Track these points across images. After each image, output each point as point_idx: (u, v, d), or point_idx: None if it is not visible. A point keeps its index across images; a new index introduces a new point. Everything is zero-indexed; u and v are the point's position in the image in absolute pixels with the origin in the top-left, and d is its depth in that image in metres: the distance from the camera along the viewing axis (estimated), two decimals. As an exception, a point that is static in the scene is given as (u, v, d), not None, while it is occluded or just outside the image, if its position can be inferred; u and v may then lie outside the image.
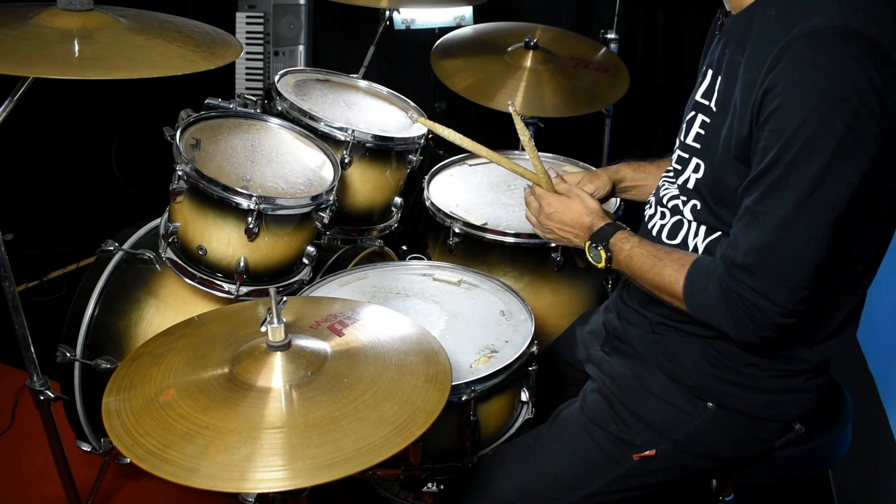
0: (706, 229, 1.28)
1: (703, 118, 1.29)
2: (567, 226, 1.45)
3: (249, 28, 3.36)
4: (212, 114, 1.78)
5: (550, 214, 1.46)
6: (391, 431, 1.02)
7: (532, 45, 2.43)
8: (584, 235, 1.42)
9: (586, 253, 1.42)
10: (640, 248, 1.31)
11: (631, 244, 1.33)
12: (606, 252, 1.36)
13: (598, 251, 1.38)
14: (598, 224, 1.40)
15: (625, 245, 1.33)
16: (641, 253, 1.30)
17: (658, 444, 1.34)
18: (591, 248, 1.40)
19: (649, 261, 1.28)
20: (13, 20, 1.40)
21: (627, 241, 1.34)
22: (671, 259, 1.26)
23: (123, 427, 1.04)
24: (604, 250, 1.36)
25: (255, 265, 1.65)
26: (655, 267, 1.27)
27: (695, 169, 1.29)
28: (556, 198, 1.47)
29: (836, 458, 1.46)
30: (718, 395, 1.31)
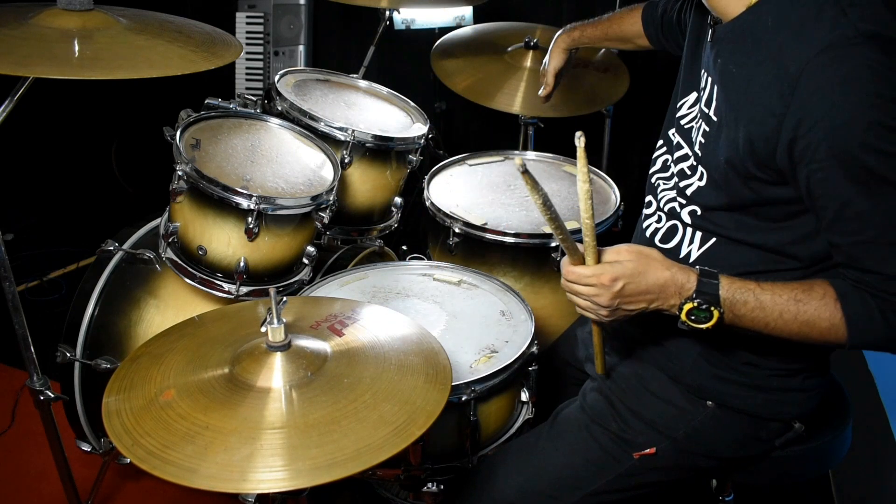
0: (702, 236, 1.27)
1: (705, 127, 1.26)
2: (643, 294, 1.15)
3: (249, 28, 3.36)
4: (212, 114, 1.78)
5: (621, 291, 1.15)
6: (391, 432, 1.02)
7: (532, 45, 2.43)
8: (670, 297, 1.15)
9: (681, 317, 1.15)
10: (765, 293, 1.13)
11: (752, 292, 1.13)
12: (718, 310, 1.13)
13: (709, 311, 1.13)
14: (689, 278, 1.14)
15: (745, 296, 1.13)
16: (774, 301, 1.12)
17: (658, 443, 1.34)
18: (693, 311, 1.14)
19: (791, 308, 1.12)
20: (13, 20, 1.40)
21: (744, 289, 1.13)
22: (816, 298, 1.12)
23: (123, 427, 1.04)
24: (716, 308, 1.13)
25: (255, 265, 1.65)
26: (802, 314, 1.12)
27: (699, 177, 1.27)
28: (618, 268, 1.14)
29: (836, 458, 1.46)
30: (718, 394, 1.31)
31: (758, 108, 1.11)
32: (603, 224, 1.93)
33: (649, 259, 1.16)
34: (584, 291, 1.18)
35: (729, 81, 1.19)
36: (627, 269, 1.14)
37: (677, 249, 1.31)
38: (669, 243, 1.33)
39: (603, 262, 1.16)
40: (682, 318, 1.15)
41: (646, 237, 1.38)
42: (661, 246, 1.34)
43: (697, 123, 1.29)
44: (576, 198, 2.07)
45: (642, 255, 1.16)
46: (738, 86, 1.16)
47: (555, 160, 2.27)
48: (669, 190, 1.35)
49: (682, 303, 1.15)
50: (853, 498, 2.04)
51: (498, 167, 2.22)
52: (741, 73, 1.16)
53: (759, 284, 1.14)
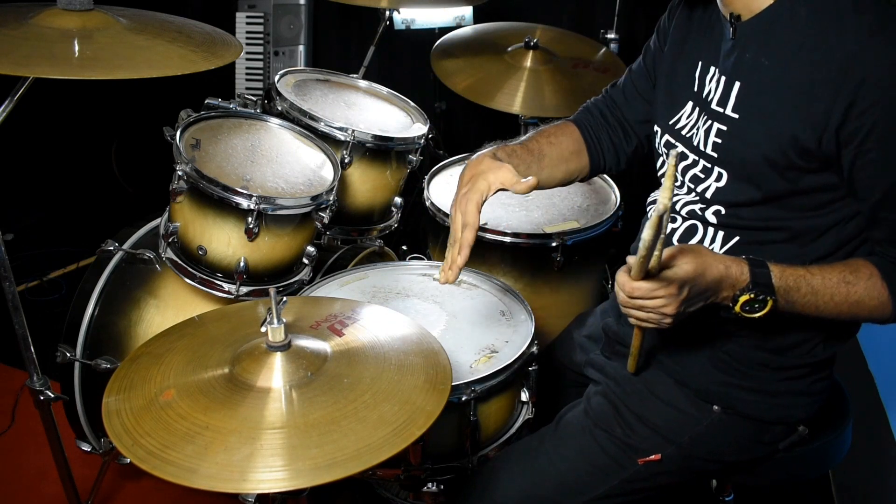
0: (724, 234, 1.27)
1: (719, 126, 1.24)
2: (704, 293, 1.15)
3: (249, 28, 3.36)
4: (212, 114, 1.78)
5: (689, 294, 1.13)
6: (391, 432, 1.02)
7: (532, 45, 2.43)
8: (724, 291, 1.15)
9: (735, 308, 1.16)
10: (816, 278, 1.15)
11: (803, 277, 1.15)
12: (772, 298, 1.14)
13: (763, 301, 1.14)
14: (741, 270, 1.15)
15: (798, 282, 1.15)
16: (825, 284, 1.15)
17: (663, 449, 1.34)
18: (748, 302, 1.15)
19: (842, 290, 1.15)
20: (13, 20, 1.40)
21: (795, 276, 1.15)
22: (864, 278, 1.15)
23: (123, 427, 1.03)
24: (770, 297, 1.14)
25: (255, 265, 1.65)
26: (853, 294, 1.15)
27: (717, 178, 1.26)
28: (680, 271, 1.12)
29: (837, 458, 1.46)
30: (725, 399, 1.31)
31: (799, 98, 1.12)
32: (603, 224, 1.93)
33: (703, 257, 1.14)
34: (651, 304, 1.13)
35: (759, 74, 1.19)
36: (689, 272, 1.12)
37: None
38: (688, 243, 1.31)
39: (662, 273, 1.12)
40: (737, 309, 1.15)
41: None
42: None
43: (705, 126, 1.27)
44: (576, 198, 2.07)
45: (695, 253, 1.14)
46: (773, 78, 1.16)
47: (555, 160, 2.27)
48: (686, 196, 1.33)
49: (736, 294, 1.15)
50: (853, 498, 2.04)
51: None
52: (774, 65, 1.16)
53: (808, 269, 1.16)
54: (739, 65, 1.22)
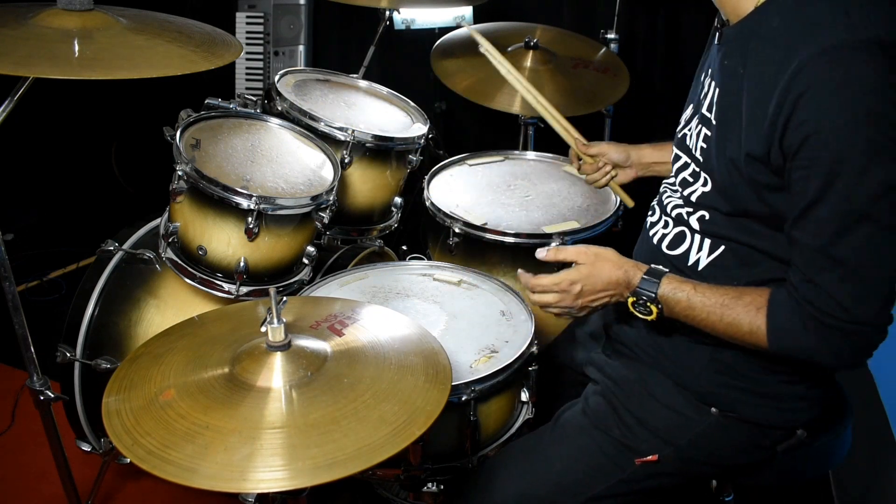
0: (711, 243, 1.27)
1: (706, 132, 1.26)
2: (601, 292, 1.31)
3: (249, 28, 3.36)
4: (212, 114, 1.78)
5: (581, 292, 1.31)
6: (391, 431, 1.02)
7: (532, 45, 2.43)
8: (623, 292, 1.29)
9: (630, 307, 1.29)
10: (697, 295, 1.22)
11: (686, 293, 1.23)
12: (656, 306, 1.25)
13: (647, 306, 1.26)
14: (635, 276, 1.27)
15: (679, 296, 1.23)
16: (704, 303, 1.21)
17: (661, 450, 1.34)
18: (636, 305, 1.28)
19: (717, 311, 1.20)
20: (13, 20, 1.40)
21: (680, 290, 1.23)
22: (742, 304, 1.19)
23: (123, 427, 1.04)
24: (653, 304, 1.25)
25: (255, 265, 1.65)
26: (726, 317, 1.19)
27: (703, 183, 1.27)
28: (574, 273, 1.32)
29: (837, 459, 1.46)
30: (723, 402, 1.31)
31: (760, 107, 1.11)
32: (603, 224, 1.93)
33: (602, 260, 1.31)
34: (550, 300, 1.35)
35: (734, 82, 1.18)
36: (582, 272, 1.31)
37: (685, 256, 1.31)
38: (677, 250, 1.32)
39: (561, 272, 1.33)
40: (630, 308, 1.29)
41: (653, 244, 1.38)
42: (669, 252, 1.33)
43: (697, 129, 1.29)
44: (576, 198, 2.07)
45: (596, 256, 1.31)
46: (744, 86, 1.16)
47: (555, 160, 2.27)
48: (676, 198, 1.35)
49: (628, 296, 1.29)
50: (853, 498, 2.04)
51: (498, 167, 2.22)
52: (747, 73, 1.15)
53: (695, 286, 1.24)
54: (721, 70, 1.23)
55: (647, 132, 3.23)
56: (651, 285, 1.26)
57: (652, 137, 3.20)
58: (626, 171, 1.80)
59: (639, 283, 1.27)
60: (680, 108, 1.41)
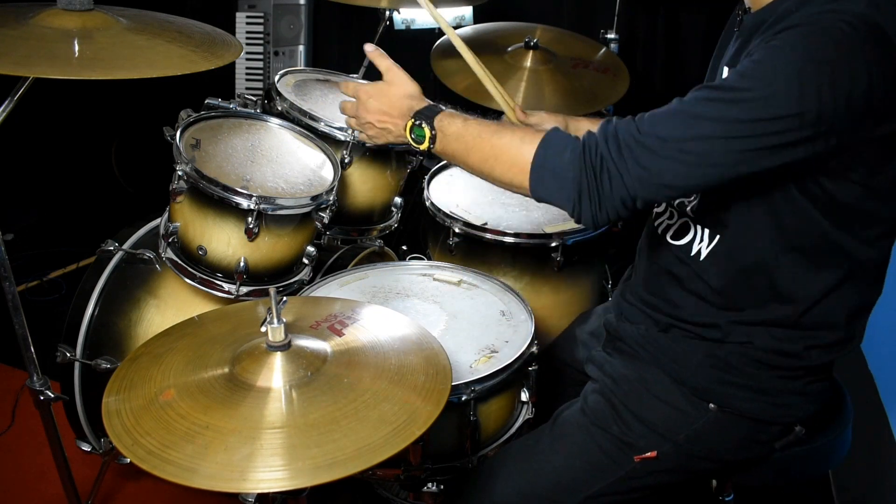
0: (709, 233, 1.28)
1: None
2: (385, 115, 1.36)
3: (249, 28, 3.36)
4: (212, 114, 1.78)
5: (367, 104, 1.38)
6: (391, 431, 1.02)
7: (532, 45, 2.43)
8: (402, 118, 1.34)
9: (407, 136, 1.33)
10: (472, 121, 1.27)
11: (462, 119, 1.28)
12: (431, 130, 1.29)
13: (422, 129, 1.29)
14: (419, 103, 1.34)
15: (455, 120, 1.28)
16: (478, 127, 1.25)
17: (660, 447, 1.34)
18: (413, 128, 1.31)
19: (487, 129, 1.23)
20: (13, 20, 1.40)
21: (458, 118, 1.28)
22: (515, 130, 1.22)
23: (123, 427, 1.04)
24: (428, 128, 1.29)
25: (255, 265, 1.65)
26: (496, 136, 1.21)
27: None
28: (372, 85, 1.39)
29: (837, 459, 1.46)
30: (721, 397, 1.31)
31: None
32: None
33: (399, 85, 1.37)
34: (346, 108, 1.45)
35: None
36: (377, 86, 1.38)
37: (689, 247, 1.31)
38: (681, 240, 1.33)
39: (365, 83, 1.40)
40: (406, 135, 1.33)
41: (657, 234, 1.38)
42: (672, 242, 1.34)
43: None
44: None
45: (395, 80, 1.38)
46: None
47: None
48: None
49: (406, 121, 1.33)
50: (853, 498, 2.04)
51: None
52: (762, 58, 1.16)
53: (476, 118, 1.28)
54: (737, 57, 1.24)
55: (647, 132, 3.23)
56: (431, 110, 1.31)
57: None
58: None
59: (422, 108, 1.31)
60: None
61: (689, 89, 1.41)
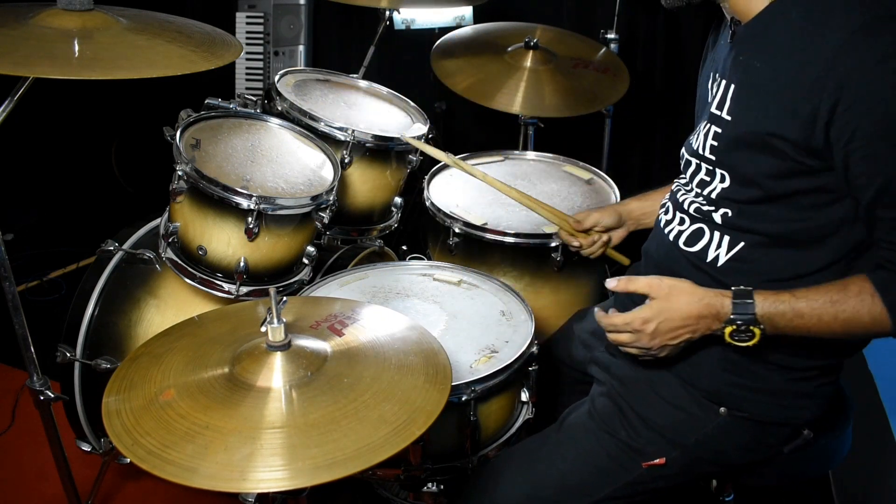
0: (730, 239, 1.27)
1: (715, 129, 1.26)
2: (681, 329, 1.22)
3: (249, 28, 3.36)
4: (212, 114, 1.78)
5: (656, 331, 1.23)
6: (391, 431, 1.02)
7: (532, 45, 2.43)
8: (710, 323, 1.21)
9: (727, 339, 1.21)
10: (800, 301, 1.17)
11: (787, 303, 1.17)
12: (759, 328, 1.18)
13: (750, 331, 1.18)
14: (724, 303, 1.20)
15: (781, 308, 1.17)
16: (811, 306, 1.16)
17: (668, 453, 1.34)
18: (735, 334, 1.19)
19: (829, 309, 1.15)
20: (13, 20, 1.40)
21: (780, 302, 1.17)
22: (853, 295, 1.15)
23: (123, 427, 1.04)
24: (755, 327, 1.18)
25: (255, 265, 1.65)
26: (842, 314, 1.15)
27: (721, 179, 1.27)
28: (647, 310, 1.23)
29: (837, 459, 1.46)
30: (732, 399, 1.31)
31: (790, 98, 1.12)
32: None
33: (678, 293, 1.22)
34: (624, 339, 1.27)
35: (749, 75, 1.20)
36: (654, 308, 1.22)
37: (703, 253, 1.30)
38: (695, 246, 1.32)
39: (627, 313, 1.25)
40: (727, 339, 1.21)
41: (669, 241, 1.37)
42: (686, 249, 1.33)
43: (705, 129, 1.29)
44: (576, 198, 2.07)
45: (671, 289, 1.23)
46: (765, 79, 1.17)
47: (555, 160, 2.27)
48: (692, 196, 1.34)
49: (722, 327, 1.20)
50: (853, 498, 2.04)
51: (498, 167, 2.22)
52: (767, 67, 1.17)
53: (793, 294, 1.17)
54: (735, 67, 1.24)
55: (647, 132, 3.24)
56: (746, 307, 1.18)
57: (652, 137, 3.22)
58: (619, 231, 1.73)
59: (732, 310, 1.19)
60: (680, 107, 1.41)
61: (689, 89, 1.41)
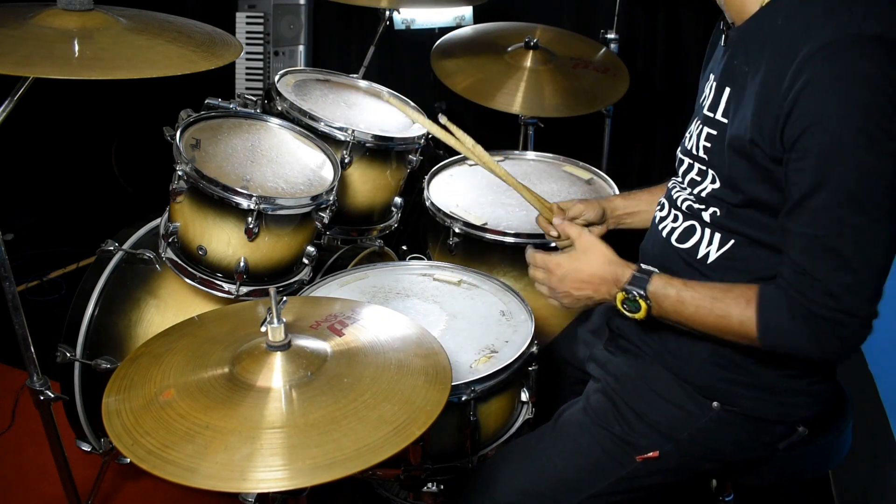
0: (721, 237, 1.28)
1: (708, 130, 1.28)
2: (585, 283, 1.31)
3: (249, 28, 3.36)
4: (212, 114, 1.78)
5: (563, 277, 1.32)
6: (391, 431, 1.02)
7: (532, 45, 2.43)
8: (609, 288, 1.29)
9: (618, 306, 1.28)
10: (687, 290, 1.22)
11: (675, 288, 1.23)
12: (646, 302, 1.24)
13: (637, 302, 1.25)
14: (625, 273, 1.27)
15: (668, 291, 1.23)
16: (693, 296, 1.21)
17: (662, 446, 1.34)
18: (625, 301, 1.26)
19: (706, 303, 1.19)
20: (13, 20, 1.40)
21: (671, 286, 1.23)
22: (732, 297, 1.18)
23: (123, 427, 1.04)
24: (642, 300, 1.24)
25: (255, 265, 1.65)
26: (716, 310, 1.19)
27: (712, 180, 1.28)
28: (564, 257, 1.34)
29: (837, 459, 1.46)
30: (725, 395, 1.31)
31: (765, 103, 1.13)
32: (603, 224, 1.93)
33: (594, 251, 1.33)
34: (538, 276, 1.37)
35: (740, 80, 1.21)
36: (570, 258, 1.34)
37: (695, 249, 1.31)
38: (687, 243, 1.33)
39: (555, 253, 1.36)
40: (618, 305, 1.28)
41: (662, 237, 1.38)
42: (679, 245, 1.34)
43: (699, 130, 1.31)
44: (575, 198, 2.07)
45: (591, 245, 1.34)
46: (749, 83, 1.18)
47: (555, 160, 2.27)
48: (685, 194, 1.36)
49: (615, 292, 1.28)
50: (853, 498, 2.04)
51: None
52: (752, 71, 1.18)
53: (685, 282, 1.24)
54: (728, 70, 1.25)
55: (647, 132, 3.24)
56: (641, 281, 1.25)
57: (652, 137, 3.22)
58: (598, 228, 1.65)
59: (628, 280, 1.26)
60: (680, 108, 1.42)
61: (689, 89, 1.41)
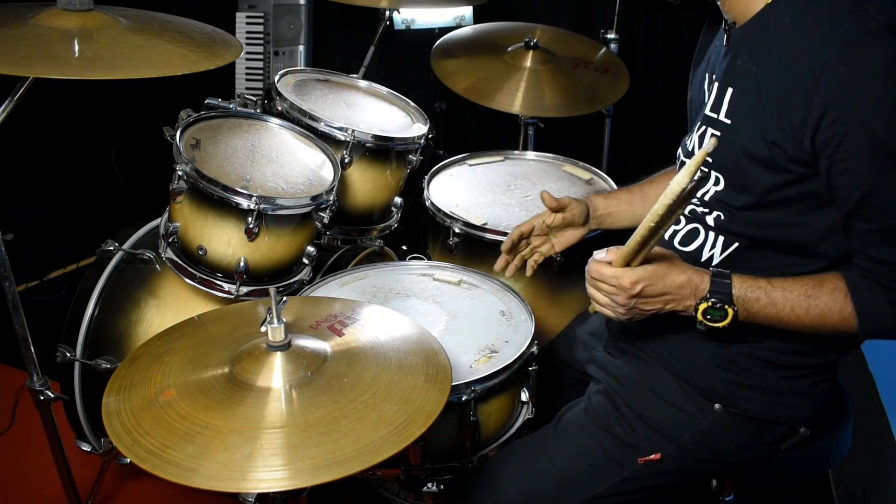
0: (724, 240, 1.28)
1: (712, 132, 1.27)
2: (659, 296, 1.21)
3: (249, 28, 3.36)
4: (212, 114, 1.78)
5: (640, 293, 1.20)
6: (391, 431, 1.02)
7: (532, 45, 2.43)
8: (685, 299, 1.20)
9: (698, 316, 1.20)
10: (776, 290, 1.18)
11: (762, 289, 1.18)
12: (732, 308, 1.18)
13: (723, 310, 1.18)
14: (702, 279, 1.19)
15: (756, 293, 1.18)
16: (785, 297, 1.17)
17: (664, 448, 1.34)
18: (708, 310, 1.19)
19: (802, 302, 1.17)
20: (13, 20, 1.40)
21: (756, 287, 1.18)
22: (827, 292, 1.16)
23: (123, 427, 1.04)
24: (729, 306, 1.18)
25: (255, 265, 1.65)
26: (813, 308, 1.16)
27: (715, 182, 1.27)
28: (638, 272, 1.19)
29: (837, 459, 1.46)
30: (727, 396, 1.31)
31: (780, 105, 1.13)
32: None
33: (670, 262, 1.22)
34: (604, 290, 1.23)
35: (747, 80, 1.20)
36: (648, 271, 1.20)
37: (698, 253, 1.31)
38: (689, 246, 1.33)
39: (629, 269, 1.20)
40: (699, 317, 1.20)
41: (664, 240, 1.37)
42: (681, 249, 1.34)
43: (700, 132, 1.31)
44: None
45: (664, 257, 1.22)
46: (759, 83, 1.18)
47: (555, 160, 2.27)
48: None
49: (697, 303, 1.20)
50: (853, 498, 2.04)
51: (498, 167, 2.22)
52: (761, 70, 1.18)
53: (769, 281, 1.18)
54: (732, 71, 1.24)
55: (647, 132, 3.24)
56: (723, 286, 1.18)
57: (652, 137, 3.22)
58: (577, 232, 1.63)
59: (711, 286, 1.19)
60: (680, 107, 1.42)
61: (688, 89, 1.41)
